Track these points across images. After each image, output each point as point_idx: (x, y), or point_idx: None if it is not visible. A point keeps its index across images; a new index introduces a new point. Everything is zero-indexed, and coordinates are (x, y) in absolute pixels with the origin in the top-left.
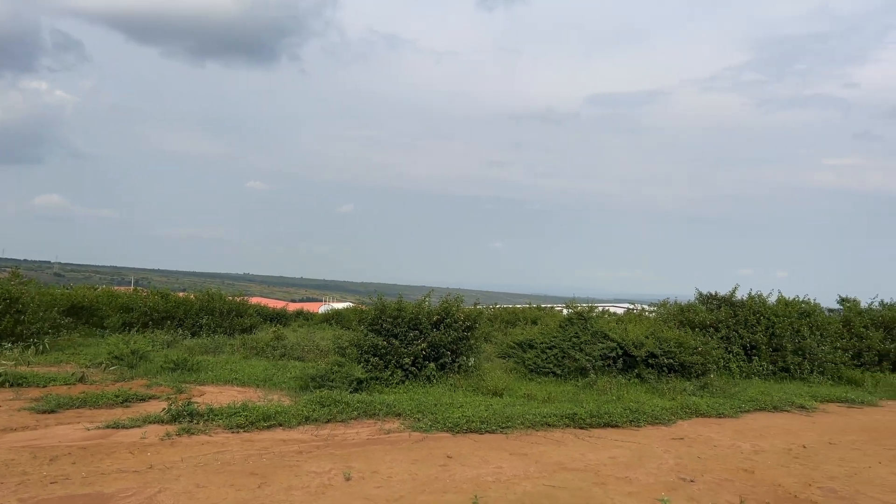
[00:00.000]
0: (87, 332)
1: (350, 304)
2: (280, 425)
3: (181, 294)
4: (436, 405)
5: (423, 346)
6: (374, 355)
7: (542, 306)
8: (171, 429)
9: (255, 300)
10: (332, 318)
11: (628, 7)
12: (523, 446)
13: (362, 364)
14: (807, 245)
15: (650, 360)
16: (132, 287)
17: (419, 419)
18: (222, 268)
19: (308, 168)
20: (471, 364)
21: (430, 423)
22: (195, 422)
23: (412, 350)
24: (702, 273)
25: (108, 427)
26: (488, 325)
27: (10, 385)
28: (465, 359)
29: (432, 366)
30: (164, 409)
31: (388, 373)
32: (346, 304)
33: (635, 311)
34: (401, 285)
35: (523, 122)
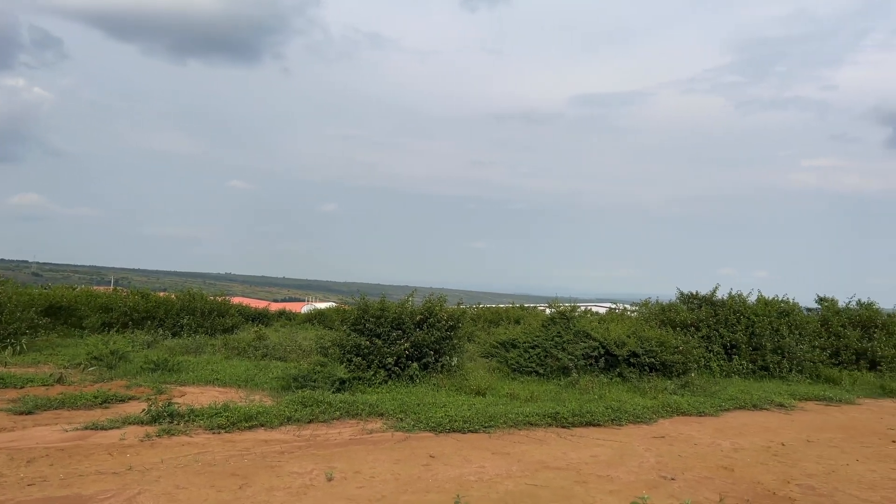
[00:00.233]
0: (65, 332)
1: (333, 303)
2: (262, 426)
3: (162, 294)
4: (419, 405)
5: (406, 345)
6: (357, 355)
7: (525, 306)
8: (151, 430)
9: (236, 300)
10: (314, 318)
11: (611, 9)
12: (506, 445)
13: (345, 364)
14: (786, 245)
15: (632, 360)
16: (112, 287)
17: (402, 419)
18: (204, 267)
19: (290, 167)
20: (454, 364)
21: (412, 423)
22: (176, 423)
23: (395, 350)
24: (683, 273)
25: (86, 428)
26: (471, 324)
27: None
28: (448, 358)
29: (415, 365)
30: (143, 410)
31: (371, 373)
32: (328, 304)
33: (617, 310)
34: (384, 285)
35: (507, 122)
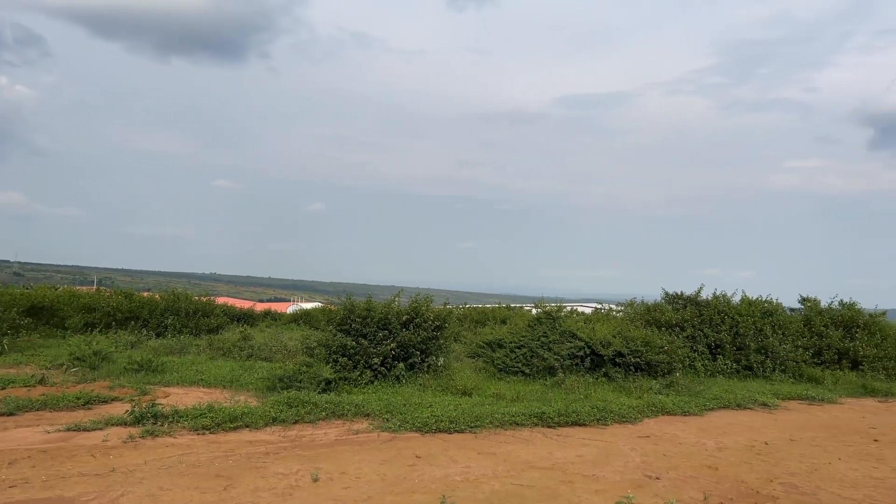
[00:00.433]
0: (47, 332)
1: (319, 304)
2: (247, 426)
3: (146, 294)
4: (405, 405)
5: (393, 346)
6: (343, 355)
7: (512, 306)
8: (135, 431)
9: (221, 300)
10: (300, 318)
11: (597, 10)
12: (492, 445)
13: (331, 364)
14: (770, 246)
15: (617, 359)
16: (95, 287)
17: (388, 419)
18: (188, 267)
19: (277, 166)
20: (440, 364)
21: (399, 424)
22: (159, 424)
23: (381, 350)
24: (668, 273)
25: (69, 430)
26: (458, 324)
27: None
28: (434, 358)
29: (401, 366)
30: (127, 411)
31: (357, 373)
32: (314, 304)
33: (603, 310)
34: (370, 285)
35: (493, 122)
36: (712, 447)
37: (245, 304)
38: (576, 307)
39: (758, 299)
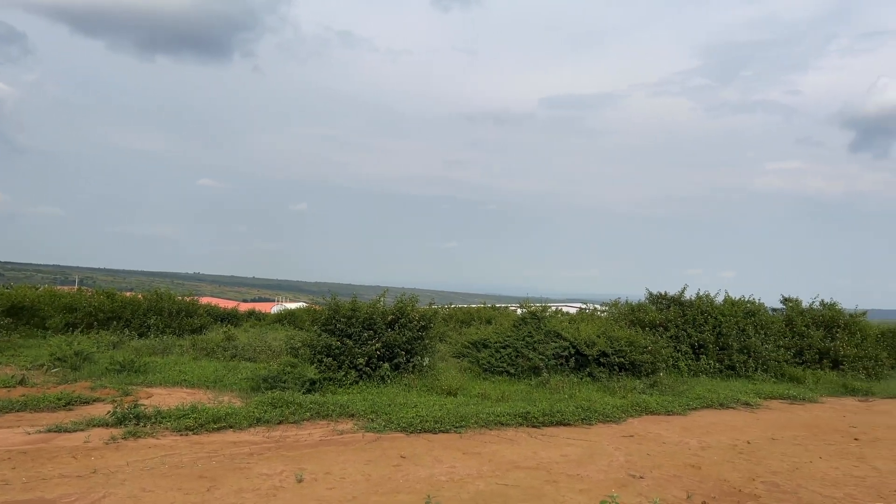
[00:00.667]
0: (27, 332)
1: (303, 304)
2: (230, 427)
3: (128, 294)
4: (390, 405)
5: (378, 346)
6: (328, 356)
7: (497, 306)
8: (117, 432)
9: (205, 300)
10: (284, 318)
11: (584, 11)
12: (477, 445)
13: (315, 364)
14: (752, 246)
15: (602, 359)
16: (76, 286)
17: (373, 419)
18: (172, 267)
19: (261, 166)
20: (425, 364)
21: (383, 424)
22: (142, 425)
23: (366, 350)
24: (652, 273)
25: (49, 431)
26: (443, 324)
27: None
28: (419, 359)
29: (386, 366)
30: (109, 411)
31: (342, 373)
32: (299, 304)
33: (587, 310)
34: (355, 285)
35: (479, 122)
36: (695, 446)
37: (229, 305)
38: (560, 307)
39: (740, 299)
